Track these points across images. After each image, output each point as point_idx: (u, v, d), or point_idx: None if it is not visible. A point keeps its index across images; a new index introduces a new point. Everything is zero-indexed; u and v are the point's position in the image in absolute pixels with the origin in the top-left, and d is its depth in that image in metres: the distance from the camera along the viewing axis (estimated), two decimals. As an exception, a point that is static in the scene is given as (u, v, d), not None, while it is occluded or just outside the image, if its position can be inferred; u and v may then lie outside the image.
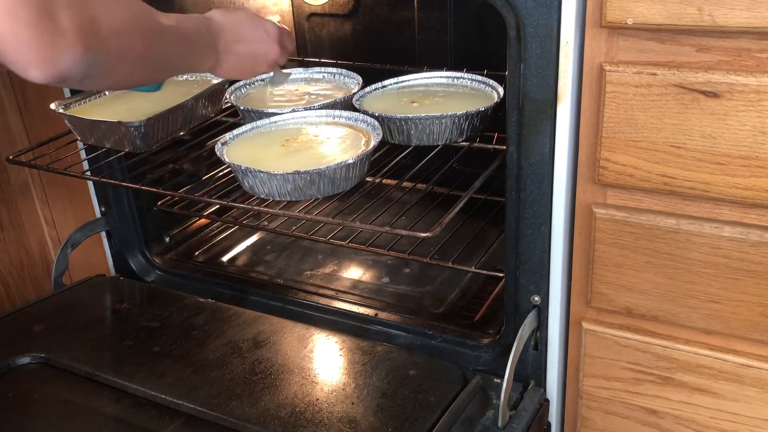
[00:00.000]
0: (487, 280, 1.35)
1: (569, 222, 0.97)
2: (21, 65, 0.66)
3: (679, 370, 0.96)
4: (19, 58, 0.65)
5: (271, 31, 1.07)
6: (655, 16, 0.79)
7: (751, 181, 0.82)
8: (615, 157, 0.88)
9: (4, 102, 1.43)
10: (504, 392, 0.97)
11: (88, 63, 0.69)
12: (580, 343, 1.02)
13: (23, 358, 1.13)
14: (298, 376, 1.05)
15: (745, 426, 0.96)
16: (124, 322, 1.23)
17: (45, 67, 0.66)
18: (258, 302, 1.32)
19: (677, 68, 0.81)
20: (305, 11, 1.67)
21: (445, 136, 1.17)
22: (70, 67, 0.68)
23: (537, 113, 0.91)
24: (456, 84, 1.33)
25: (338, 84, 1.38)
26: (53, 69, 0.67)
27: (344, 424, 0.95)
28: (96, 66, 0.71)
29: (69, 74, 0.69)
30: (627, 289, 0.95)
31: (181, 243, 1.54)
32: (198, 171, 1.41)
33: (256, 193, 1.05)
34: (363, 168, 1.06)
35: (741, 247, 0.86)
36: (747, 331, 0.90)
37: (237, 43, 1.01)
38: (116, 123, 1.13)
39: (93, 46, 0.69)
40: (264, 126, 1.19)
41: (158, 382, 1.05)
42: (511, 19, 0.88)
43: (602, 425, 1.07)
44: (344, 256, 1.47)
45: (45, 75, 0.67)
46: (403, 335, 1.20)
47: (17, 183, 1.47)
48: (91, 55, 0.69)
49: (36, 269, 1.55)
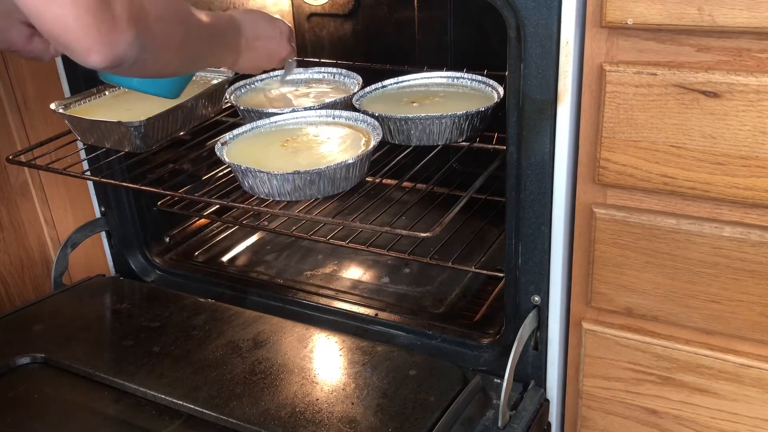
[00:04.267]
0: (487, 280, 1.35)
1: (569, 222, 0.97)
2: (83, 51, 0.71)
3: (679, 370, 0.96)
4: (82, 44, 0.71)
5: (284, 29, 1.15)
6: (655, 16, 0.79)
7: (751, 181, 0.82)
8: (615, 157, 0.88)
9: (3, 102, 1.42)
10: (504, 392, 0.97)
11: (139, 47, 0.76)
12: (580, 343, 1.02)
13: (23, 358, 1.13)
14: (298, 376, 1.05)
15: (745, 426, 0.96)
16: (124, 322, 1.23)
17: (105, 51, 0.72)
18: (258, 302, 1.31)
19: (677, 68, 0.81)
20: (305, 11, 1.67)
21: (445, 136, 1.17)
22: (125, 51, 0.74)
23: (537, 113, 0.91)
24: (456, 84, 1.33)
25: (338, 84, 1.38)
26: (111, 53, 0.73)
27: (344, 424, 0.95)
28: (144, 51, 0.77)
29: (124, 57, 0.74)
30: (627, 289, 0.95)
31: (181, 243, 1.54)
32: (198, 171, 1.41)
33: (256, 193, 1.05)
34: (363, 168, 1.06)
35: (741, 247, 0.86)
36: (747, 331, 0.90)
37: (255, 40, 1.08)
38: (116, 123, 1.13)
39: (143, 32, 0.75)
40: (264, 126, 1.19)
41: (158, 382, 1.05)
42: (511, 19, 0.88)
43: (602, 425, 1.07)
44: (344, 256, 1.47)
45: (104, 59, 0.73)
46: (403, 335, 1.20)
47: (17, 183, 1.47)
48: (141, 40, 0.75)
49: (36, 269, 1.55)
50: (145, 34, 0.76)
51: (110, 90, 1.29)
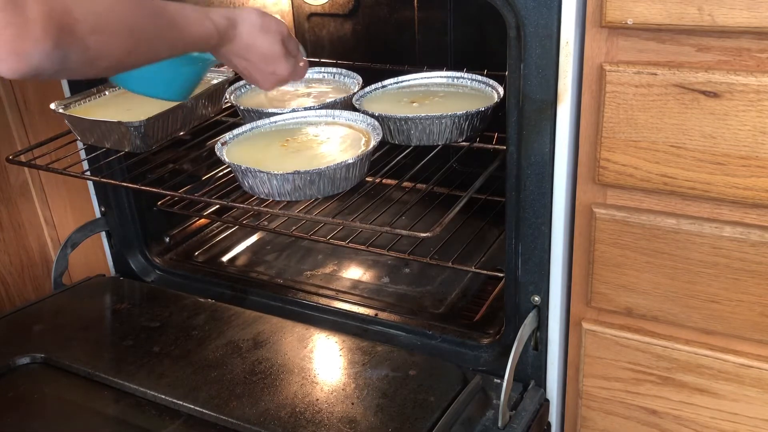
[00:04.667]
0: (487, 280, 1.35)
1: (569, 222, 0.97)
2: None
3: (679, 370, 0.96)
4: None
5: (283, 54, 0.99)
6: (655, 16, 0.79)
7: (751, 181, 0.82)
8: (615, 157, 0.88)
9: (3, 102, 1.42)
10: (504, 392, 0.97)
11: (61, 58, 0.64)
12: (580, 343, 1.02)
13: (23, 358, 1.13)
14: (298, 376, 1.05)
15: (745, 426, 0.96)
16: (124, 322, 1.23)
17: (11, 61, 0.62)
18: (258, 302, 1.31)
19: (677, 68, 0.81)
20: (305, 11, 1.67)
21: (445, 136, 1.17)
22: (40, 62, 0.63)
23: (537, 113, 0.91)
24: (456, 84, 1.33)
25: (338, 84, 1.38)
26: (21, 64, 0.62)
27: (344, 424, 0.95)
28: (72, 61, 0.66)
29: (39, 69, 0.64)
30: (627, 289, 0.95)
31: (181, 243, 1.54)
32: (198, 171, 1.41)
33: (256, 193, 1.05)
34: (363, 168, 1.06)
35: (741, 247, 0.86)
36: (747, 331, 0.90)
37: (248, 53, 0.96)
38: (116, 123, 1.13)
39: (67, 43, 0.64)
40: (264, 126, 1.19)
41: (158, 382, 1.05)
42: (511, 19, 0.88)
43: (602, 425, 1.07)
44: (344, 256, 1.47)
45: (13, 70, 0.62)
46: (403, 335, 1.20)
47: (17, 183, 1.47)
48: (62, 51, 0.64)
49: (36, 269, 1.55)
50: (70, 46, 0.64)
51: (110, 90, 1.29)
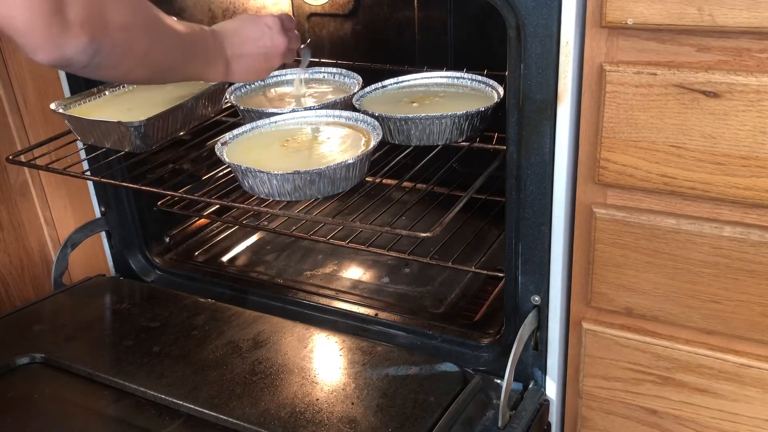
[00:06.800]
0: (487, 280, 1.35)
1: (569, 222, 0.97)
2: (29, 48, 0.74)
3: (679, 370, 0.96)
4: (28, 41, 0.73)
5: (271, 24, 1.09)
6: (655, 16, 0.79)
7: (751, 181, 0.82)
8: (615, 157, 0.88)
9: (3, 102, 1.42)
10: (504, 392, 0.97)
11: (93, 52, 0.77)
12: (580, 343, 1.02)
13: (23, 358, 1.13)
14: (298, 376, 1.05)
15: (745, 426, 0.96)
16: (124, 322, 1.23)
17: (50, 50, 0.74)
18: (258, 302, 1.32)
19: (677, 68, 0.81)
20: (305, 11, 1.67)
21: (445, 136, 1.17)
22: (75, 54, 0.76)
23: (537, 113, 0.91)
24: (456, 84, 1.33)
25: (338, 84, 1.38)
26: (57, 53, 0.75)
27: (344, 424, 0.95)
28: (100, 56, 0.79)
29: (73, 60, 0.77)
30: (627, 289, 0.95)
31: (181, 243, 1.54)
32: (198, 171, 1.41)
33: (256, 193, 1.05)
34: (363, 168, 1.06)
35: (741, 247, 0.86)
36: (747, 331, 0.90)
37: (243, 45, 1.05)
38: (116, 123, 1.13)
39: (100, 39, 0.77)
40: (264, 126, 1.19)
41: (158, 382, 1.05)
42: (511, 19, 0.88)
43: (602, 425, 1.07)
44: (344, 256, 1.47)
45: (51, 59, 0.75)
46: (403, 335, 1.20)
47: (17, 183, 1.47)
48: (96, 45, 0.77)
49: (36, 269, 1.55)
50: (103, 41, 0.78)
51: (110, 90, 1.29)
